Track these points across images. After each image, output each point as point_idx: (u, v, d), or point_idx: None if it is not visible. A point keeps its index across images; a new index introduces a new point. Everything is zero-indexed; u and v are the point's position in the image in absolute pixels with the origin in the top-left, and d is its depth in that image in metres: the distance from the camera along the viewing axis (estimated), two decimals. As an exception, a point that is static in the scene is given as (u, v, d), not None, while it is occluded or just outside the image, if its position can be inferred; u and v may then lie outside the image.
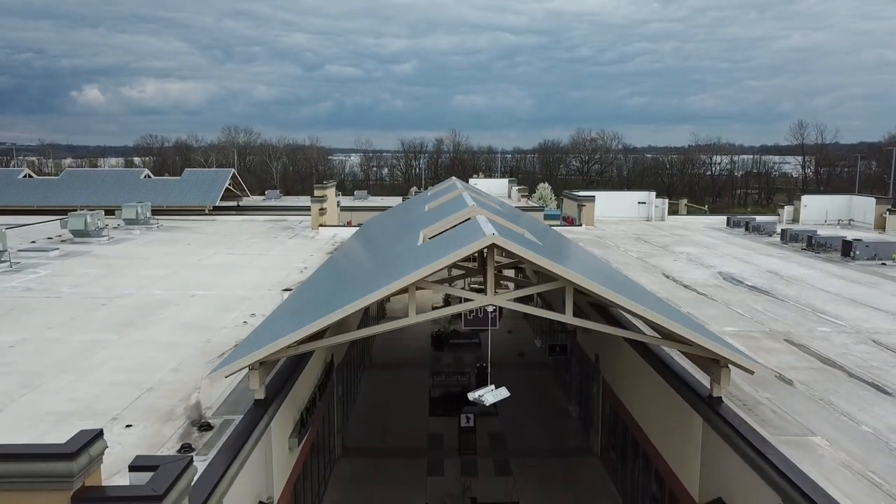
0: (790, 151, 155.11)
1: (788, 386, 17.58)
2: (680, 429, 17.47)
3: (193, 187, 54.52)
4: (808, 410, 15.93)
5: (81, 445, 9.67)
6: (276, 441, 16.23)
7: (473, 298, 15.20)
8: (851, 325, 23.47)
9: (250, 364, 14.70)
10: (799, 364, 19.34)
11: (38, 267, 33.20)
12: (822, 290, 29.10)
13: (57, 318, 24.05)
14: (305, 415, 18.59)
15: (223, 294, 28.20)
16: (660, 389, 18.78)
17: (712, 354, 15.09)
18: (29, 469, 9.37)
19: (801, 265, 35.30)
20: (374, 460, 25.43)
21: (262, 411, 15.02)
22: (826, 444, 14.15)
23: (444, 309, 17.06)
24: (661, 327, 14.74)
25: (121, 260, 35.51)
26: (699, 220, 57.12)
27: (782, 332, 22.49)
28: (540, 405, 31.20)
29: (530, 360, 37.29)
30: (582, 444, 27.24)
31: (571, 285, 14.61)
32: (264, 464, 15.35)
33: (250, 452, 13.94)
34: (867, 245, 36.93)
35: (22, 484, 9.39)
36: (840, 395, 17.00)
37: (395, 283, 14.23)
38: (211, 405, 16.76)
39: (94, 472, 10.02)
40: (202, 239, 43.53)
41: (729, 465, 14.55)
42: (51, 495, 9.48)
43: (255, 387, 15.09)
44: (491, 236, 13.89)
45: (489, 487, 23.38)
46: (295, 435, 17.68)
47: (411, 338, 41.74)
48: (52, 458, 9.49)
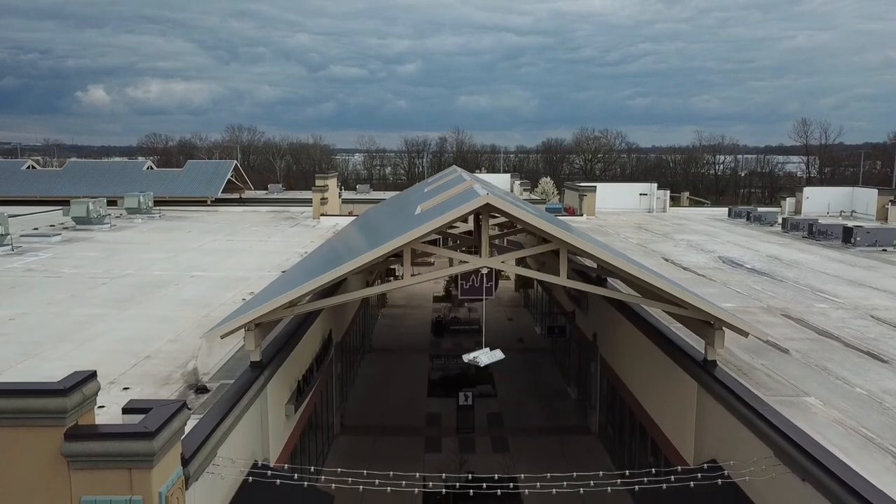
0: (794, 152, 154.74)
1: (783, 354, 17.60)
2: (675, 396, 17.51)
3: (196, 179, 54.69)
4: (803, 375, 15.95)
5: (75, 383, 9.79)
6: (273, 405, 16.31)
7: (468, 260, 15.25)
8: (850, 303, 23.46)
9: (246, 325, 14.78)
10: (795, 335, 19.35)
11: (39, 251, 33.36)
12: (822, 273, 29.08)
13: (57, 295, 24.19)
14: (303, 384, 18.66)
15: (223, 275, 28.32)
16: (656, 359, 18.82)
17: (706, 316, 15.14)
18: (22, 405, 9.47)
19: (802, 251, 35.27)
20: (372, 437, 25.47)
21: (257, 373, 15.09)
22: (819, 404, 14.18)
23: (440, 270, 17.11)
24: (656, 289, 14.77)
25: (122, 245, 35.67)
26: (701, 212, 57.09)
27: (780, 308, 22.50)
28: (538, 387, 31.24)
29: (529, 346, 37.32)
30: (579, 423, 27.26)
31: (566, 246, 14.65)
32: (260, 425, 15.41)
33: (245, 410, 14.02)
34: (868, 231, 36.87)
35: (15, 420, 9.49)
36: (835, 361, 17.02)
37: (389, 244, 14.29)
38: (208, 371, 16.87)
39: (88, 412, 10.13)
40: (204, 227, 43.68)
41: (722, 426, 14.58)
42: (44, 432, 9.59)
43: (251, 347, 15.16)
44: (485, 196, 13.96)
45: (486, 463, 23.40)
46: (292, 402, 17.75)
47: (412, 325, 41.84)
48: (45, 394, 9.60)
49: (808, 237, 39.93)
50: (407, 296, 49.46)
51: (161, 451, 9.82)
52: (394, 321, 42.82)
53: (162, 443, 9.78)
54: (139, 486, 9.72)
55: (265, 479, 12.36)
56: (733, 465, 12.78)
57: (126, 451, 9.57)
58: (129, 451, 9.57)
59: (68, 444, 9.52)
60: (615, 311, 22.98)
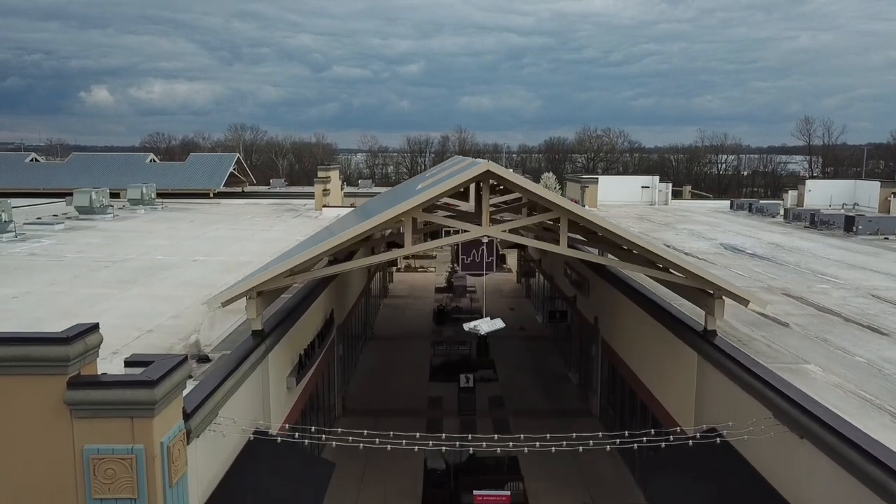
0: (797, 152, 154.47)
1: (783, 327, 17.63)
2: (676, 369, 17.55)
3: (198, 171, 54.80)
4: (803, 346, 15.98)
5: (77, 333, 9.87)
6: (274, 376, 16.37)
7: (469, 229, 15.29)
8: (851, 284, 23.48)
9: (248, 292, 14.85)
10: (796, 311, 19.38)
11: (42, 238, 33.46)
12: (823, 258, 29.09)
13: (60, 277, 24.28)
14: (304, 358, 18.73)
15: (225, 259, 28.39)
16: (656, 334, 18.86)
17: (706, 285, 15.18)
18: (25, 353, 9.54)
19: (803, 239, 35.28)
20: (374, 419, 25.42)
21: (258, 341, 15.17)
22: (819, 370, 14.21)
23: (440, 240, 17.18)
24: (656, 257, 14.81)
25: (124, 233, 35.78)
26: (703, 205, 57.06)
27: (780, 288, 22.53)
28: (539, 372, 31.28)
29: (531, 334, 37.36)
30: (580, 406, 27.30)
31: (566, 215, 14.69)
32: (261, 395, 15.48)
33: (246, 375, 14.10)
34: (870, 220, 36.85)
35: (18, 368, 9.57)
36: (835, 334, 17.05)
37: (389, 211, 14.35)
38: (210, 343, 16.94)
39: (90, 364, 10.21)
40: (206, 218, 43.78)
41: (722, 394, 14.62)
42: (47, 380, 9.66)
43: (253, 316, 15.24)
44: (485, 163, 14.02)
45: (488, 443, 23.44)
46: (293, 375, 17.82)
47: (413, 314, 41.91)
48: (48, 342, 9.69)
49: (811, 227, 39.93)
50: (409, 287, 49.55)
51: (162, 402, 9.89)
52: (395, 311, 42.87)
53: (163, 392, 9.85)
54: (141, 435, 9.79)
55: (267, 437, 12.42)
56: (732, 426, 12.81)
57: (128, 400, 9.64)
58: (130, 399, 9.64)
59: (71, 392, 9.59)
60: (616, 292, 23.04)
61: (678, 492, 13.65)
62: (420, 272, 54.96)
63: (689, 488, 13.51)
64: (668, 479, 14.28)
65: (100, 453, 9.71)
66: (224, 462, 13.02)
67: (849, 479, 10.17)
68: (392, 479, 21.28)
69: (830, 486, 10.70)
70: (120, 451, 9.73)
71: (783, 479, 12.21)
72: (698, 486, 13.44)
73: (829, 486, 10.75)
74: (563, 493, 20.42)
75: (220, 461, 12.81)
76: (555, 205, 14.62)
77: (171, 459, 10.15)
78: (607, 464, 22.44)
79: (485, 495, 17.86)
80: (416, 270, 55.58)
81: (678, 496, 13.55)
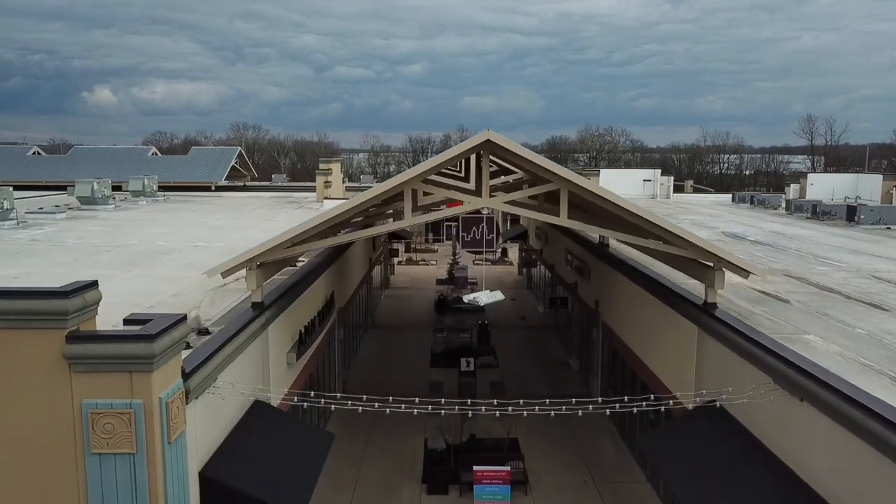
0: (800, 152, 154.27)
1: (784, 303, 17.60)
2: (676, 345, 17.53)
3: (200, 164, 54.85)
4: (804, 319, 15.95)
5: (76, 288, 9.89)
6: (274, 349, 16.38)
7: (469, 200, 15.29)
8: (852, 267, 23.44)
9: (248, 263, 14.87)
10: (796, 290, 19.35)
11: (44, 225, 33.52)
12: (825, 244, 29.04)
13: (61, 259, 24.31)
14: (305, 335, 18.73)
15: (226, 246, 28.36)
16: (657, 312, 18.85)
17: (707, 256, 15.17)
18: (25, 306, 9.56)
19: (805, 228, 35.24)
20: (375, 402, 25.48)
21: (258, 313, 15.17)
22: (820, 340, 14.18)
23: (439, 212, 17.17)
24: (657, 228, 14.77)
25: (126, 221, 35.84)
26: (705, 198, 56.98)
27: (781, 270, 22.49)
28: (540, 358, 31.26)
29: (532, 323, 37.35)
30: (581, 390, 27.25)
31: (566, 185, 14.69)
32: (261, 366, 15.48)
33: (245, 344, 14.12)
34: (872, 210, 36.77)
35: (18, 322, 9.58)
36: (836, 309, 17.01)
37: (390, 181, 14.35)
38: (210, 318, 16.96)
39: (89, 320, 10.23)
40: (208, 208, 43.82)
41: (722, 365, 14.59)
42: (46, 334, 9.67)
43: (253, 287, 15.26)
44: (486, 133, 14.01)
45: (488, 426, 23.42)
46: (293, 351, 17.83)
47: (415, 305, 41.90)
48: (47, 295, 9.71)
49: (812, 217, 39.86)
50: (410, 279, 49.57)
51: (161, 357, 9.90)
52: (397, 301, 42.89)
53: (162, 347, 9.86)
54: (139, 390, 9.79)
55: (268, 404, 12.43)
56: (731, 392, 12.79)
57: (126, 354, 9.65)
58: (129, 353, 9.65)
59: (69, 346, 9.60)
60: (617, 274, 23.04)
61: (678, 460, 13.64)
62: (421, 265, 54.96)
63: (688, 456, 13.50)
64: (667, 448, 14.26)
65: (98, 408, 9.72)
66: (224, 428, 13.03)
67: (848, 437, 10.16)
68: (392, 459, 21.28)
69: (829, 444, 10.69)
70: (118, 406, 9.74)
71: (781, 444, 12.19)
72: (697, 453, 13.43)
73: (827, 445, 10.74)
74: (563, 473, 20.40)
75: (219, 427, 12.82)
76: (555, 175, 14.62)
77: (169, 416, 10.15)
78: (607, 444, 22.44)
79: (485, 470, 17.85)
80: (417, 263, 55.58)
81: (677, 464, 13.52)
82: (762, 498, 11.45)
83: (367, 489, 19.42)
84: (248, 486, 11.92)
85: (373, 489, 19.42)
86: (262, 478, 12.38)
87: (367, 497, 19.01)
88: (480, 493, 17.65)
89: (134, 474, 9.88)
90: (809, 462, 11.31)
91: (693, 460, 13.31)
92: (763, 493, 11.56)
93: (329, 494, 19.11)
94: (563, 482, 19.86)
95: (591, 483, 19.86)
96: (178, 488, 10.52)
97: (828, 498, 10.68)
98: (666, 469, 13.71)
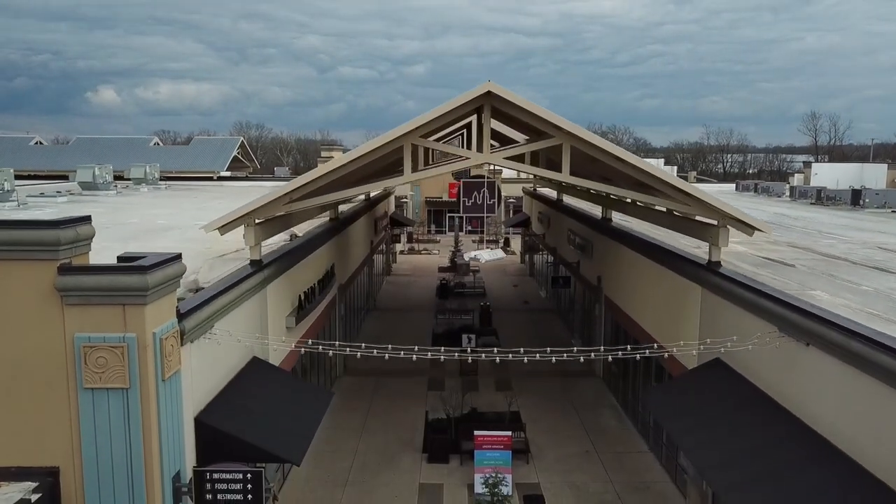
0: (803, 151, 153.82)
1: (789, 267, 17.38)
2: (678, 308, 17.33)
3: (202, 154, 54.78)
4: (809, 279, 15.73)
5: (69, 220, 9.74)
6: (273, 309, 16.22)
7: (469, 156, 15.10)
8: (857, 240, 23.21)
9: (245, 218, 14.71)
10: (802, 257, 19.14)
11: (45, 207, 33.39)
12: (830, 223, 28.82)
13: (61, 233, 24.17)
14: (304, 301, 18.56)
15: (227, 223, 28.26)
16: (659, 277, 18.66)
17: (711, 212, 14.97)
18: (16, 236, 9.40)
19: (810, 211, 35.02)
20: (376, 378, 25.35)
21: (256, 269, 15.00)
22: (826, 296, 13.95)
23: (442, 166, 16.98)
24: (661, 183, 14.57)
25: (128, 205, 35.72)
26: (709, 187, 56.72)
27: (786, 241, 22.28)
28: (542, 338, 30.93)
29: (534, 307, 37.12)
30: (583, 367, 27.00)
31: (569, 141, 14.49)
32: (260, 325, 15.30)
33: (244, 297, 13.94)
34: (877, 193, 36.52)
35: (9, 252, 9.41)
36: (842, 272, 16.79)
37: (388, 134, 14.16)
38: (208, 282, 16.80)
39: (82, 255, 10.07)
40: (210, 195, 43.71)
41: (726, 321, 14.39)
42: (37, 265, 9.50)
43: (251, 243, 15.11)
44: (487, 84, 13.82)
45: (490, 400, 23.27)
46: (293, 315, 17.65)
47: (416, 290, 41.70)
48: (39, 225, 9.57)
49: (817, 203, 39.63)
50: (412, 267, 49.39)
51: (155, 291, 9.73)
52: (398, 287, 42.67)
53: (156, 281, 9.69)
54: (133, 323, 9.61)
55: (265, 351, 12.25)
56: (735, 340, 12.59)
57: (119, 285, 9.47)
58: (122, 284, 9.47)
59: (61, 277, 9.43)
60: (619, 246, 22.86)
61: (680, 413, 13.43)
62: (423, 254, 54.77)
63: (691, 409, 13.30)
64: (669, 402, 14.07)
65: (91, 342, 9.54)
66: (220, 379, 12.86)
67: (855, 375, 9.97)
68: (393, 431, 21.08)
69: (836, 384, 10.49)
70: (111, 340, 9.56)
71: (785, 392, 11.98)
72: (700, 406, 13.22)
73: (835, 385, 10.54)
74: (564, 444, 20.18)
75: (216, 377, 12.65)
76: (558, 129, 14.42)
77: (163, 353, 9.97)
78: (609, 417, 22.22)
79: (486, 435, 17.63)
80: (419, 253, 55.38)
81: (679, 417, 13.32)
82: (762, 440, 11.24)
83: (367, 458, 19.22)
84: (246, 434, 11.74)
85: (373, 458, 19.23)
86: (259, 428, 12.20)
87: (368, 465, 18.82)
88: (481, 459, 17.41)
89: (127, 410, 9.70)
90: (814, 405, 11.10)
91: (695, 412, 13.10)
92: (763, 436, 11.36)
93: (329, 461, 18.92)
94: (564, 453, 19.64)
95: (594, 452, 19.64)
96: (172, 428, 10.34)
97: (831, 437, 10.49)
98: (668, 422, 13.50)
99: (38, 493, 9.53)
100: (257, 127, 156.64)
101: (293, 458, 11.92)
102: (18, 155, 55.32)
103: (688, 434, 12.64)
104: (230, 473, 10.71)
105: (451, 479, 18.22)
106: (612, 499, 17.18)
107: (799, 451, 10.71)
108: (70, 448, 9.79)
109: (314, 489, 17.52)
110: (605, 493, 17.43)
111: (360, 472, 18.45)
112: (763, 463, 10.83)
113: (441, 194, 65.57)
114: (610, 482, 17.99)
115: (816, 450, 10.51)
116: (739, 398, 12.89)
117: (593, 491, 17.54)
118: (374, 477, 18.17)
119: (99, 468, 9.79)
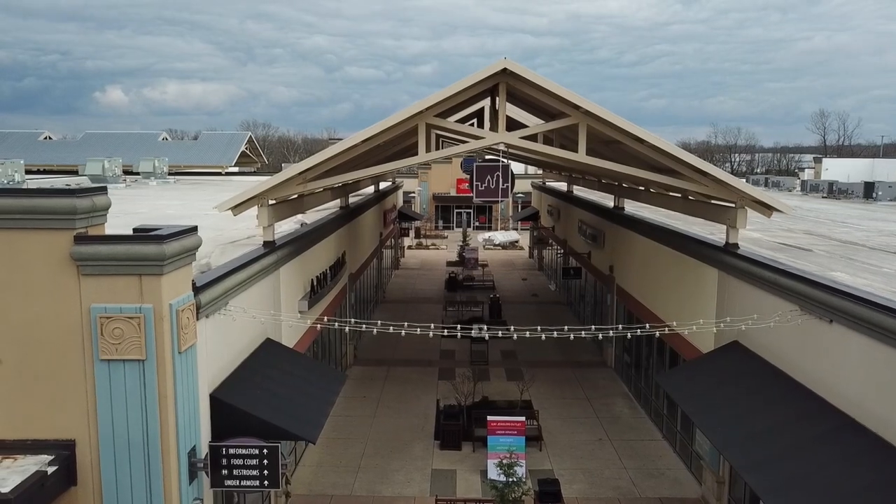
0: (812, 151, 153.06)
1: (807, 252, 17.19)
2: (695, 293, 17.16)
3: (210, 148, 54.79)
4: (829, 262, 15.54)
5: (86, 188, 9.66)
6: (286, 291, 16.13)
7: (484, 136, 14.96)
8: (873, 229, 22.99)
9: (258, 198, 14.61)
10: (819, 243, 18.94)
11: (55, 198, 33.44)
12: (843, 214, 28.59)
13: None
14: (317, 285, 18.46)
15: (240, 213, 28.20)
16: (674, 263, 18.49)
17: (729, 193, 14.80)
18: (33, 204, 9.30)
19: (822, 203, 34.76)
20: (387, 367, 25.26)
21: (269, 250, 14.91)
22: (847, 277, 13.76)
23: (453, 148, 16.85)
24: (678, 162, 14.39)
25: (137, 196, 35.73)
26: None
27: (802, 230, 22.08)
28: (554, 331, 30.87)
29: (544, 299, 36.97)
30: (596, 358, 26.89)
31: (585, 121, 14.33)
32: (273, 306, 15.20)
33: (257, 277, 13.85)
34: (890, 186, 36.25)
35: (26, 221, 9.32)
36: (861, 256, 16.60)
37: (401, 113, 14.02)
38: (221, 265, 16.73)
39: (99, 225, 9.98)
40: (219, 188, 43.70)
41: (745, 302, 14.21)
42: (54, 234, 9.40)
43: (264, 224, 15.03)
44: (502, 60, 13.67)
45: (501, 389, 23.13)
46: (305, 299, 17.55)
47: (425, 282, 41.60)
48: (56, 193, 9.46)
49: (829, 196, 39.37)
50: (420, 261, 49.27)
51: (171, 262, 9.63)
52: (407, 280, 42.59)
53: (172, 251, 9.59)
54: (149, 294, 9.50)
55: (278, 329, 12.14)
56: (756, 318, 12.41)
57: (136, 255, 9.36)
58: (139, 254, 9.37)
59: (78, 246, 9.33)
60: (633, 235, 22.70)
61: (697, 393, 13.26)
62: (431, 249, 54.62)
63: (708, 389, 13.13)
64: (686, 382, 13.89)
65: (107, 312, 9.43)
66: (235, 357, 12.77)
67: (881, 349, 9.79)
68: (404, 418, 20.95)
69: (862, 360, 10.31)
70: (128, 310, 9.45)
71: (807, 369, 11.81)
72: (718, 386, 13.05)
73: (859, 361, 10.36)
74: (578, 432, 20.02)
75: (231, 354, 12.56)
76: (574, 108, 14.27)
77: (180, 325, 9.87)
78: (623, 406, 22.04)
79: (499, 420, 17.49)
80: (427, 248, 55.24)
81: (697, 397, 13.15)
82: (784, 418, 11.07)
83: (379, 444, 19.11)
84: (261, 412, 11.63)
85: (385, 444, 19.11)
86: (273, 405, 12.09)
87: (380, 451, 18.70)
88: (494, 444, 17.26)
89: (143, 381, 9.59)
90: (836, 381, 10.93)
91: (714, 392, 12.94)
92: (785, 413, 11.19)
93: (341, 448, 18.82)
94: (577, 440, 19.49)
95: (607, 440, 19.47)
96: (188, 401, 10.23)
97: (855, 413, 10.32)
98: (685, 402, 13.32)
99: (53, 466, 9.43)
100: (264, 126, 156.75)
101: (309, 436, 11.81)
102: (28, 150, 55.42)
103: (706, 413, 12.47)
104: (246, 448, 10.58)
105: (464, 465, 18.09)
106: (626, 485, 17.03)
107: (822, 426, 10.54)
108: (86, 420, 9.69)
109: (326, 473, 17.42)
110: (619, 479, 17.27)
111: (372, 457, 18.34)
112: (785, 440, 10.67)
113: (449, 190, 65.41)
114: (624, 469, 17.83)
115: (840, 425, 10.35)
116: (758, 378, 12.72)
117: (608, 476, 17.39)
118: (387, 463, 18.05)
119: (115, 441, 9.68)
